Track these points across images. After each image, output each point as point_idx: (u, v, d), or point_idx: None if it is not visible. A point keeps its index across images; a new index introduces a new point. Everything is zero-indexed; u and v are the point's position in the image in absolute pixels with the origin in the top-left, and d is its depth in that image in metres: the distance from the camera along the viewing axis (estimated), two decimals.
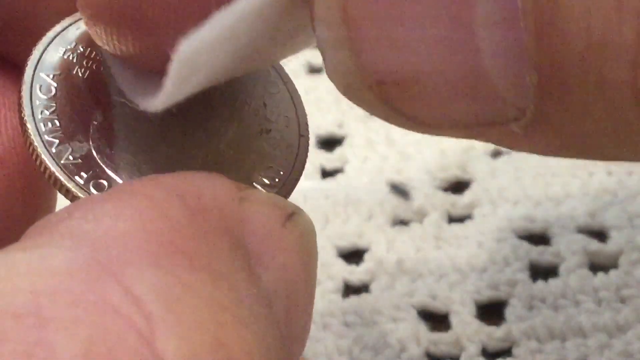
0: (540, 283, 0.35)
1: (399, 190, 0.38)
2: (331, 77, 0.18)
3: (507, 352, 0.33)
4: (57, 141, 0.22)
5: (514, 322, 0.34)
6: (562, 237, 0.36)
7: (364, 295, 0.34)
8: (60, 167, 0.21)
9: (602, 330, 0.33)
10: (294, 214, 0.20)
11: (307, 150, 0.23)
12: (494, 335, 0.33)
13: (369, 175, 0.38)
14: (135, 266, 0.17)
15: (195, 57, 0.17)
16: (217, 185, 0.19)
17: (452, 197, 0.37)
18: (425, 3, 0.16)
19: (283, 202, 0.21)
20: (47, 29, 0.23)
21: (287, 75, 0.24)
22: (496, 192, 0.37)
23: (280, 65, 0.24)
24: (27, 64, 0.22)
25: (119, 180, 0.21)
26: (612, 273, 0.35)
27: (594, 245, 0.36)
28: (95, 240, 0.17)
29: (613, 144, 0.17)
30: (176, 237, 0.17)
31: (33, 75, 0.22)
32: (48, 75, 0.23)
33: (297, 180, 0.23)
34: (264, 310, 0.18)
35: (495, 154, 0.39)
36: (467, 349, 0.33)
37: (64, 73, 0.23)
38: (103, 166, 0.21)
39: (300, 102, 0.23)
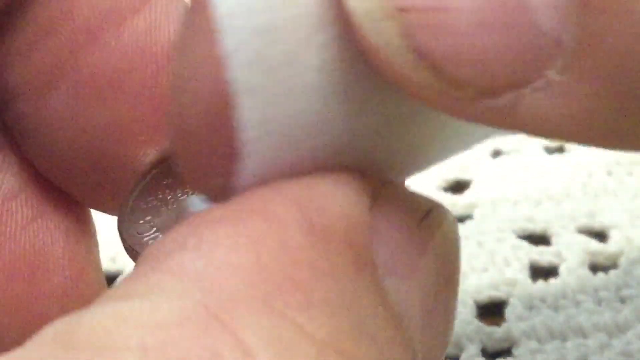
0: (540, 283, 0.35)
1: None
2: (346, 7, 0.16)
3: (507, 352, 0.33)
4: None
5: (514, 322, 0.34)
6: (562, 237, 0.36)
7: None
8: None
9: (602, 330, 0.33)
10: (431, 211, 0.18)
11: None
12: (494, 335, 0.33)
13: None
14: (246, 310, 0.15)
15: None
16: (346, 190, 0.17)
17: (452, 197, 0.37)
18: None
19: (418, 198, 0.19)
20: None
21: None
22: (496, 192, 0.37)
23: None
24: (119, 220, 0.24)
25: None
26: (612, 273, 0.35)
27: (594, 245, 0.36)
28: (206, 282, 0.16)
29: None
30: (294, 269, 0.16)
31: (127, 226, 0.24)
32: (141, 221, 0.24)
33: None
34: (390, 332, 0.17)
35: (495, 154, 0.39)
36: (467, 349, 0.33)
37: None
38: None
39: None
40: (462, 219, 0.37)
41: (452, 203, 0.37)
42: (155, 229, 0.24)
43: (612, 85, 0.15)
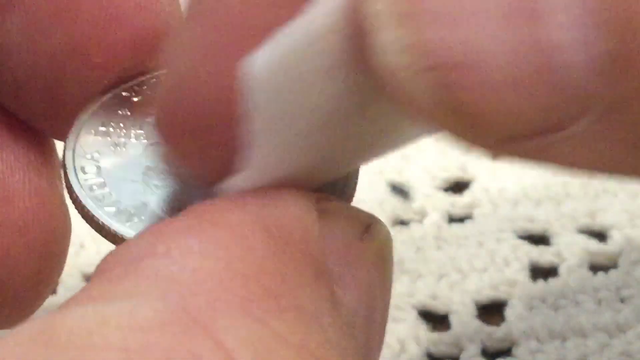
0: (540, 283, 0.35)
1: (399, 191, 0.38)
2: (379, 61, 0.16)
3: (507, 352, 0.33)
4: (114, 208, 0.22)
5: (514, 322, 0.34)
6: (562, 237, 0.36)
7: None
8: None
9: (602, 330, 0.33)
10: (371, 225, 0.19)
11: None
12: (494, 335, 0.33)
13: (369, 175, 0.38)
14: (224, 314, 0.16)
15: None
16: (297, 203, 0.18)
17: (452, 197, 0.37)
18: None
19: (360, 213, 0.20)
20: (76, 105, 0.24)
21: None
22: (496, 192, 0.37)
23: None
24: (65, 147, 0.23)
25: None
26: (612, 273, 0.35)
27: (594, 245, 0.36)
28: (182, 286, 0.16)
29: None
30: (263, 275, 0.17)
31: (73, 156, 0.23)
32: (88, 156, 0.23)
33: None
34: (348, 342, 0.18)
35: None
36: (467, 349, 0.33)
37: (106, 151, 0.23)
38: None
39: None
40: (462, 219, 0.37)
41: (452, 203, 0.37)
42: (99, 175, 0.22)
43: None
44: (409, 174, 0.38)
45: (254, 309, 0.16)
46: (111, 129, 0.23)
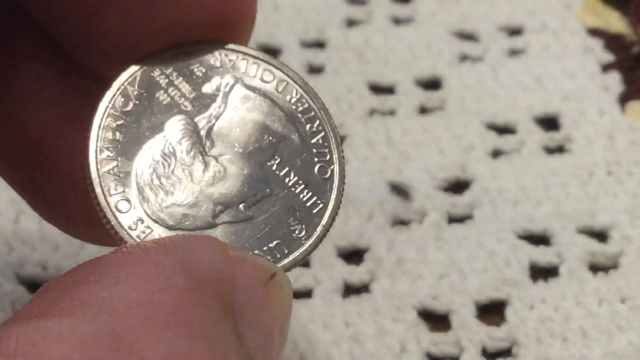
0: (540, 283, 0.35)
1: (399, 190, 0.38)
2: None
3: (507, 352, 0.33)
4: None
5: (514, 322, 0.34)
6: (562, 237, 0.36)
7: (364, 295, 0.34)
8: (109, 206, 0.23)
9: (602, 330, 0.33)
10: (275, 274, 0.22)
11: (318, 243, 0.24)
12: (494, 335, 0.33)
13: (369, 175, 0.38)
14: (145, 336, 0.19)
15: None
16: (212, 249, 0.22)
17: (452, 197, 0.37)
18: None
19: (266, 263, 0.23)
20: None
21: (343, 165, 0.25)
22: (496, 192, 0.37)
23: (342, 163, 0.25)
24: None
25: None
26: (612, 273, 0.35)
27: (594, 245, 0.36)
28: (111, 310, 0.19)
29: None
30: (179, 307, 0.20)
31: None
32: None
33: (294, 265, 0.24)
34: None
35: (495, 154, 0.39)
36: (467, 349, 0.33)
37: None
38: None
39: (340, 194, 0.24)
40: (462, 219, 0.37)
41: (452, 203, 0.37)
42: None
43: None
44: (409, 174, 0.38)
45: (169, 334, 0.19)
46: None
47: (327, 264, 0.35)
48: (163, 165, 0.24)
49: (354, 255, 0.36)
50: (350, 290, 0.35)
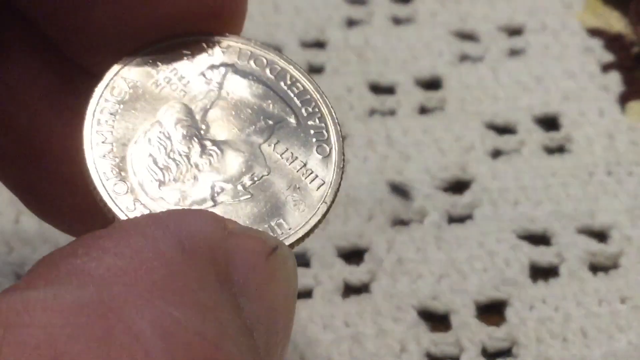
0: (540, 283, 0.35)
1: (399, 190, 0.38)
2: None
3: (507, 352, 0.33)
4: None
5: (514, 322, 0.34)
6: (562, 237, 0.36)
7: (364, 295, 0.34)
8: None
9: (602, 330, 0.33)
10: (277, 248, 0.22)
11: (322, 218, 0.24)
12: (494, 335, 0.33)
13: (369, 175, 0.38)
14: (133, 304, 0.19)
15: None
16: (208, 222, 0.21)
17: (452, 197, 0.37)
18: None
19: (267, 237, 0.22)
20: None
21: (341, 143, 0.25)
22: (496, 192, 0.37)
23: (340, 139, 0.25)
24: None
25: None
26: (612, 273, 0.35)
27: (594, 245, 0.36)
28: (98, 279, 0.19)
29: None
30: (169, 275, 0.20)
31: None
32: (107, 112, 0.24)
33: (298, 243, 0.24)
34: (246, 340, 0.20)
35: (495, 154, 0.39)
36: (467, 349, 0.33)
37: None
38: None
39: (341, 171, 0.24)
40: (462, 219, 0.37)
41: (452, 203, 0.37)
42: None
43: None
44: (409, 174, 0.38)
45: (158, 300, 0.19)
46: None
47: (327, 264, 0.35)
48: (159, 149, 0.24)
49: (354, 255, 0.36)
50: (350, 290, 0.35)
